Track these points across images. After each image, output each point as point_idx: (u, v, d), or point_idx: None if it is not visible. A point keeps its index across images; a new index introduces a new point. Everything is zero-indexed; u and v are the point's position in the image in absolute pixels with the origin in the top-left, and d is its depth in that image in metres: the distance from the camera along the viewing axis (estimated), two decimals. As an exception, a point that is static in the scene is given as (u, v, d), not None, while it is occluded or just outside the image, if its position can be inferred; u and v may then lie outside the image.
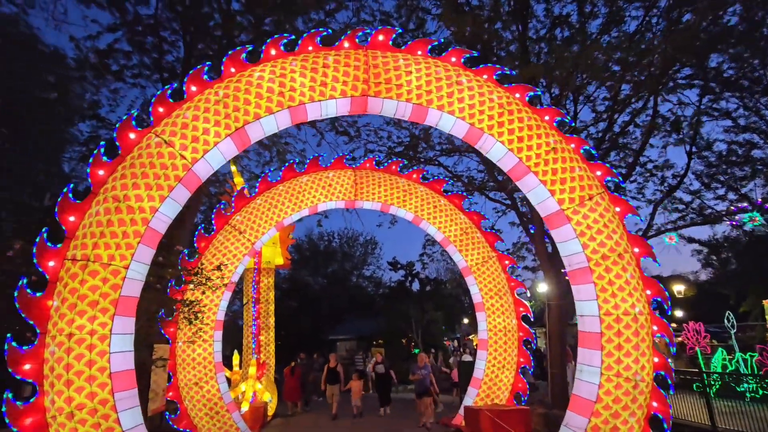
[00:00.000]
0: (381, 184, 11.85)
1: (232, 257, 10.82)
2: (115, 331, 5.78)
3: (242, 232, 11.02)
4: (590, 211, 6.82)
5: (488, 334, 11.49)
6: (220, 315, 10.72)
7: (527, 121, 7.06)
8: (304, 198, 11.44)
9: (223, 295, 10.72)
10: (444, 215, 11.91)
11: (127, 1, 16.03)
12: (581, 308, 6.93)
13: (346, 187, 11.70)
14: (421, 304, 26.18)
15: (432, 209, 11.89)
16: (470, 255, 11.79)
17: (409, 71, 6.90)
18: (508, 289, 11.72)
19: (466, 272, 11.92)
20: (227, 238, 10.92)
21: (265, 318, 14.11)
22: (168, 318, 10.12)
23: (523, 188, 7.38)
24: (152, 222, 6.15)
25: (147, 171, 6.12)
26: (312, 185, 11.52)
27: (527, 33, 12.96)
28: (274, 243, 14.49)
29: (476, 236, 11.93)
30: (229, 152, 6.67)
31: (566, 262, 7.16)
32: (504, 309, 11.54)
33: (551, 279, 13.53)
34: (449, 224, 11.88)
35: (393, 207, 11.92)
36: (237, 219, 11.12)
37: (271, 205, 11.27)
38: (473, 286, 11.81)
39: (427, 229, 12.07)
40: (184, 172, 6.32)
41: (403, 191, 11.90)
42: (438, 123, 7.18)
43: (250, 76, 6.67)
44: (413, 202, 11.87)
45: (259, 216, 11.18)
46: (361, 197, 11.78)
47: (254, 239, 11.09)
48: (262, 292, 14.05)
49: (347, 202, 11.83)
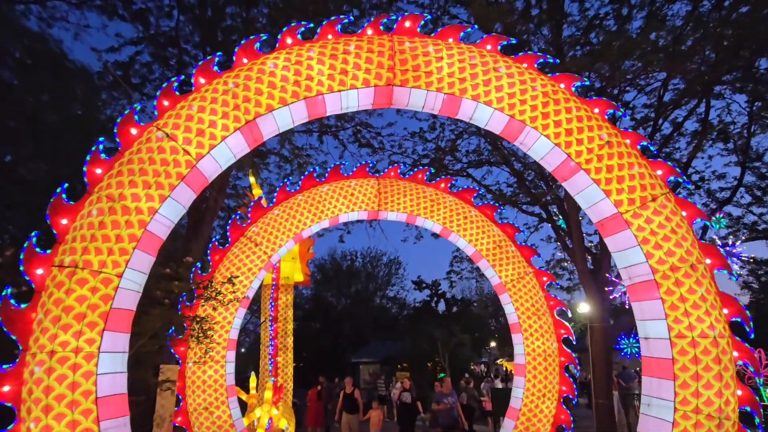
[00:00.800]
0: (406, 194, 11.02)
1: (247, 271, 10.09)
2: (104, 349, 5.03)
3: (258, 244, 10.31)
4: (654, 215, 5.82)
5: (526, 358, 10.37)
6: (234, 334, 9.94)
7: (576, 112, 6.16)
8: (325, 208, 10.69)
9: (236, 312, 9.96)
10: (475, 227, 10.97)
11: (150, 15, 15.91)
12: (645, 329, 5.87)
13: (369, 197, 10.91)
14: (447, 325, 24.95)
15: (462, 220, 10.98)
16: (504, 270, 10.77)
17: (440, 57, 6.12)
18: (547, 309, 10.62)
19: (501, 289, 10.88)
20: (242, 251, 10.21)
21: (283, 338, 13.27)
22: (178, 336, 9.41)
23: (571, 190, 6.43)
24: (150, 225, 5.44)
25: (145, 167, 5.45)
26: (333, 195, 10.78)
27: (561, 32, 12.13)
28: (294, 258, 13.75)
29: (511, 250, 10.92)
30: (238, 148, 5.96)
31: (625, 275, 6.13)
32: (543, 331, 10.42)
33: (593, 298, 12.37)
34: (481, 237, 10.92)
35: (419, 218, 11.05)
36: (253, 230, 10.44)
37: (290, 216, 10.55)
38: (508, 305, 10.75)
39: (457, 242, 11.14)
40: (188, 170, 5.63)
41: (431, 201, 11.04)
42: (472, 116, 6.35)
43: (262, 64, 6.01)
44: (441, 213, 10.98)
45: (277, 227, 10.47)
46: (386, 207, 10.96)
47: (271, 252, 10.36)
48: (280, 309, 13.26)
49: (370, 212, 11.03)
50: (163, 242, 5.79)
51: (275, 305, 13.26)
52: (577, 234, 12.76)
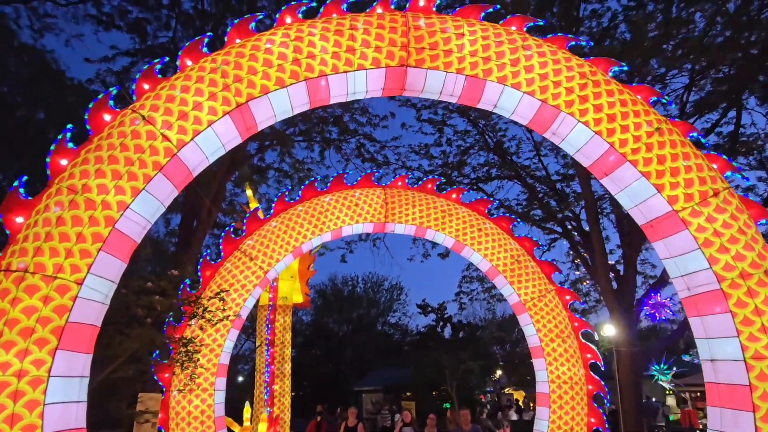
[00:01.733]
0: (415, 205, 10.16)
1: (240, 288, 9.13)
2: (55, 373, 4.07)
3: (253, 258, 9.38)
4: (717, 212, 4.93)
5: (550, 386, 9.29)
6: (224, 358, 8.91)
7: (618, 95, 5.34)
8: (327, 220, 9.81)
9: (228, 334, 8.96)
10: (491, 240, 10.05)
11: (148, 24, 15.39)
12: (711, 350, 4.90)
13: (375, 208, 10.04)
14: (454, 352, 23.66)
15: (476, 233, 10.07)
16: (524, 288, 9.80)
17: (461, 34, 5.35)
18: (571, 331, 9.60)
19: (520, 309, 9.89)
20: (236, 266, 9.28)
21: (280, 364, 12.19)
22: (163, 361, 8.40)
23: (613, 186, 5.56)
24: (120, 223, 4.56)
25: (116, 154, 4.60)
26: (336, 205, 9.92)
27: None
28: (293, 276, 12.78)
29: (530, 265, 9.98)
30: (228, 135, 5.13)
31: (681, 285, 5.20)
32: (568, 355, 9.38)
33: (619, 320, 11.36)
34: (497, 251, 9.99)
35: (430, 231, 10.15)
36: (248, 244, 9.53)
37: (288, 228, 9.66)
38: (529, 326, 9.73)
39: (471, 257, 10.20)
40: (167, 159, 4.78)
41: (442, 212, 10.16)
42: (497, 102, 5.54)
43: (257, 41, 5.23)
44: (453, 225, 10.09)
45: (274, 240, 9.56)
46: (393, 219, 10.08)
47: (267, 267, 9.43)
48: (277, 333, 12.22)
49: (376, 225, 10.14)
50: (136, 245, 4.90)
51: (272, 328, 12.22)
52: (599, 249, 11.85)
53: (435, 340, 23.99)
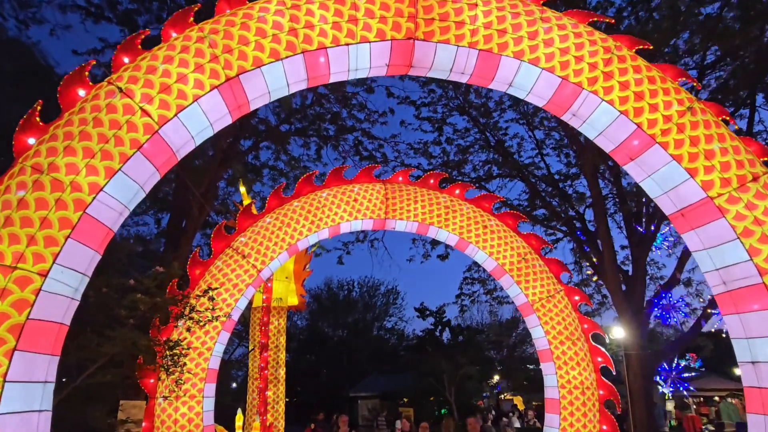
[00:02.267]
0: (417, 200, 9.67)
1: (231, 287, 8.59)
2: (11, 377, 3.53)
3: (246, 256, 8.85)
4: (757, 198, 4.46)
5: (560, 392, 8.78)
6: (214, 362, 8.34)
7: (646, 72, 4.88)
8: (324, 216, 9.30)
9: (218, 336, 8.40)
10: (496, 238, 9.57)
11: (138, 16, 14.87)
12: (752, 351, 4.42)
13: (375, 204, 9.54)
14: (453, 356, 23.12)
15: (481, 230, 9.59)
16: (531, 288, 9.31)
17: (474, 4, 4.87)
18: (581, 333, 9.12)
19: (527, 310, 9.39)
20: (227, 264, 8.74)
21: (274, 368, 11.61)
22: (148, 366, 7.83)
23: (639, 172, 5.09)
24: (92, 207, 4.03)
25: (88, 130, 4.08)
26: (333, 201, 9.41)
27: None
28: (288, 277, 12.23)
29: (538, 264, 9.50)
30: (215, 112, 4.62)
31: (716, 279, 4.72)
32: (579, 359, 8.89)
33: (628, 322, 10.89)
34: (503, 249, 9.51)
35: (432, 228, 9.66)
36: (240, 241, 8.99)
37: (283, 224, 9.14)
38: (537, 328, 9.24)
39: (475, 255, 9.71)
40: (147, 136, 4.25)
41: (445, 208, 9.67)
42: (513, 80, 5.07)
43: (250, 9, 4.74)
44: (458, 222, 9.60)
45: (268, 237, 9.03)
46: (394, 216, 9.58)
47: (261, 266, 8.89)
48: (271, 336, 11.65)
49: (376, 221, 9.64)
50: (111, 234, 4.37)
51: (265, 330, 11.65)
52: (608, 249, 11.39)
53: (433, 345, 23.47)
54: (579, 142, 13.06)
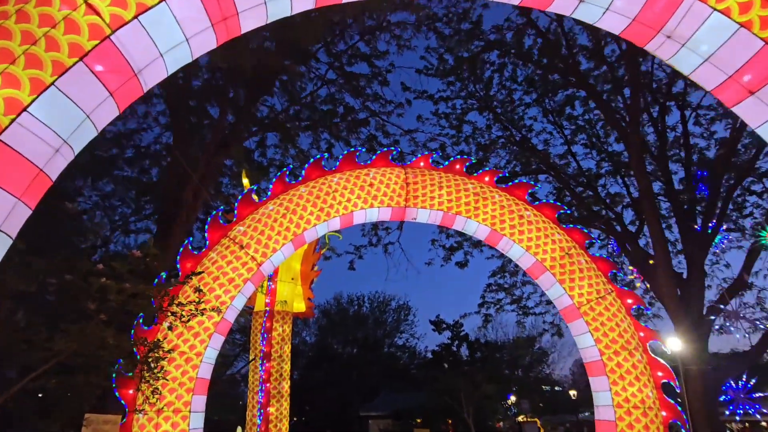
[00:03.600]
0: (442, 186, 8.42)
1: (227, 282, 7.36)
2: None
3: (245, 246, 7.63)
4: None
5: (616, 412, 7.32)
6: (204, 370, 7.06)
7: None
8: (335, 203, 8.07)
9: (210, 340, 7.13)
10: (535, 230, 8.25)
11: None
12: None
13: (394, 189, 8.30)
14: (471, 374, 21.49)
15: (517, 221, 8.28)
16: (578, 288, 7.94)
17: None
18: (639, 342, 7.69)
19: (572, 314, 8.00)
20: (222, 255, 7.53)
21: (277, 381, 10.27)
22: (127, 374, 6.59)
23: (760, 113, 3.79)
24: (9, 133, 2.84)
25: (8, 25, 2.91)
26: (346, 185, 8.19)
27: None
28: (294, 279, 10.96)
29: (583, 261, 8.14)
30: (192, 23, 3.43)
31: None
32: (638, 372, 7.44)
33: (685, 332, 9.42)
34: (543, 242, 8.17)
35: (460, 218, 8.37)
36: (239, 230, 7.79)
37: (288, 211, 7.93)
38: (584, 336, 7.83)
39: (509, 250, 8.38)
40: (94, 42, 3.05)
41: (474, 195, 8.40)
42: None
43: None
44: (489, 211, 8.31)
45: (270, 226, 7.82)
46: (415, 203, 8.33)
47: (262, 258, 7.66)
48: (274, 344, 10.33)
49: (395, 210, 8.38)
50: (47, 181, 3.17)
51: (268, 338, 10.35)
52: (661, 249, 9.92)
53: (450, 361, 21.87)
54: (621, 127, 11.76)
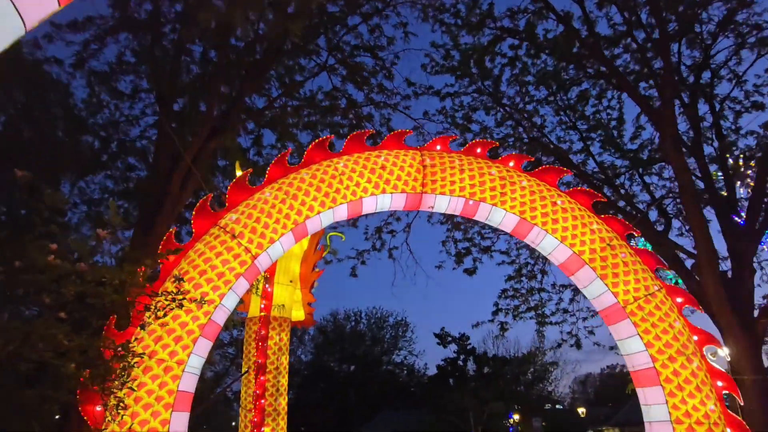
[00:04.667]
0: (464, 169, 7.40)
1: (215, 276, 6.25)
2: None
3: (237, 236, 6.55)
4: None
5: (675, 429, 6.20)
6: (187, 381, 5.90)
7: None
8: (342, 187, 7.03)
9: (194, 345, 5.99)
10: (571, 218, 7.21)
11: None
12: None
13: (409, 173, 7.28)
14: (477, 392, 20.23)
15: (550, 208, 7.25)
16: (623, 284, 6.87)
17: None
18: (696, 348, 6.61)
19: (616, 315, 6.92)
20: (211, 246, 6.44)
21: (273, 397, 9.06)
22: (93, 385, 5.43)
23: None
24: None
25: None
26: (355, 168, 7.16)
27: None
28: (292, 281, 9.83)
29: (627, 254, 7.10)
30: None
31: None
32: (698, 382, 6.34)
33: (737, 338, 8.35)
34: (580, 232, 7.13)
35: (483, 205, 7.34)
36: (230, 218, 6.72)
37: (288, 196, 6.87)
38: (632, 340, 6.73)
39: (541, 242, 7.33)
40: None
41: (500, 179, 7.38)
42: None
43: None
44: (518, 197, 7.28)
45: (267, 212, 6.75)
46: (433, 188, 7.29)
47: (257, 250, 6.57)
48: (270, 354, 9.14)
49: (409, 196, 7.34)
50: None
51: (263, 347, 9.16)
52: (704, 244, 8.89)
53: (457, 377, 20.62)
54: (653, 111, 10.84)
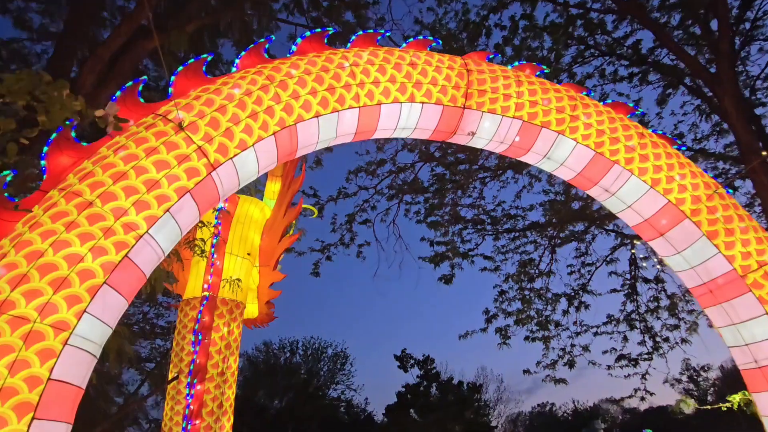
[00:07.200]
0: (522, 81, 5.31)
1: (144, 188, 3.62)
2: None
3: (186, 127, 3.97)
4: None
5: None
6: (67, 365, 3.14)
7: None
8: (354, 83, 4.67)
9: (90, 298, 3.27)
10: (664, 155, 5.27)
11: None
12: None
13: (449, 77, 5.06)
14: (442, 422, 17.74)
15: (636, 140, 5.27)
16: (739, 246, 4.95)
17: None
18: (840, 332, 4.76)
19: (729, 288, 4.94)
20: (140, 140, 3.81)
21: (213, 416, 6.18)
22: None
23: None
24: None
25: None
26: (373, 60, 4.85)
27: None
28: (250, 254, 7.14)
29: (739, 207, 5.25)
30: None
31: None
32: None
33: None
34: (678, 175, 5.20)
35: (547, 132, 5.23)
36: (177, 105, 4.13)
37: (273, 83, 4.41)
38: (757, 323, 4.77)
39: (620, 187, 5.29)
40: None
41: (569, 99, 5.35)
42: None
43: None
44: (593, 123, 5.26)
45: (239, 101, 4.24)
46: (479, 102, 5.11)
47: (217, 156, 4.01)
48: (214, 353, 6.31)
49: (447, 110, 5.09)
50: None
51: (204, 342, 6.32)
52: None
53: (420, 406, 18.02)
54: (706, 71, 9.39)
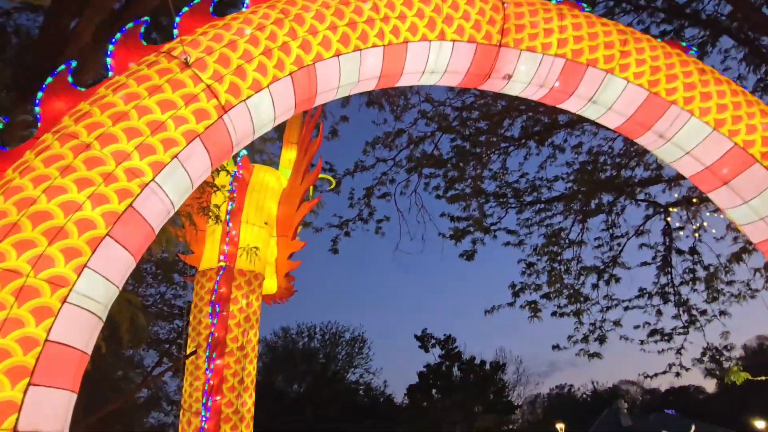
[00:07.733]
0: (564, 15, 4.74)
1: (148, 130, 3.18)
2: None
3: (192, 64, 3.51)
4: None
5: None
6: (66, 325, 2.74)
7: None
8: (378, 18, 4.16)
9: (92, 252, 2.86)
10: (729, 93, 4.70)
11: None
12: None
13: (482, 10, 4.51)
14: (464, 403, 17.44)
15: (696, 77, 4.70)
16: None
17: None
18: None
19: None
20: (142, 78, 3.37)
21: (235, 392, 5.85)
22: None
23: None
24: None
25: None
26: (397, -7, 4.33)
27: None
28: (267, 223, 6.72)
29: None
30: None
31: None
32: None
33: None
34: (747, 114, 4.63)
35: (594, 70, 4.66)
36: (183, 43, 3.67)
37: (288, 17, 3.92)
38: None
39: (678, 130, 4.72)
40: None
41: (619, 33, 4.78)
42: None
43: None
44: (647, 59, 4.67)
45: (251, 38, 3.77)
46: (517, 39, 4.55)
47: (228, 97, 3.56)
48: (233, 326, 5.95)
49: (481, 48, 4.55)
50: None
51: (222, 315, 5.96)
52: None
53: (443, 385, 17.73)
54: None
